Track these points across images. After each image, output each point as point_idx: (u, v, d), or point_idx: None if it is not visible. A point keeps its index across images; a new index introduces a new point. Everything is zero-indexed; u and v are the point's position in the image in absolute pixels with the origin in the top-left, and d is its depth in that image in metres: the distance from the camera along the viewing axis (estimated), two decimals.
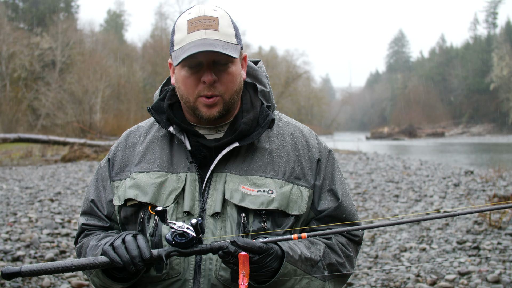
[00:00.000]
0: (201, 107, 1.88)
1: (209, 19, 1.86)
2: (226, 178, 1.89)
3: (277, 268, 1.72)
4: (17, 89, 44.90)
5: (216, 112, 1.88)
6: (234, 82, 1.89)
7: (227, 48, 1.81)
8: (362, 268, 6.60)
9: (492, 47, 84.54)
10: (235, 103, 1.95)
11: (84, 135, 35.30)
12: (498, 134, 71.71)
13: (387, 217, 9.57)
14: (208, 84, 1.84)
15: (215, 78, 1.84)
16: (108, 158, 2.08)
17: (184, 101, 1.92)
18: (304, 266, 1.80)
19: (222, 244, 1.66)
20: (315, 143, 2.06)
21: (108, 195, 2.02)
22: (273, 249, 1.71)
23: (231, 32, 1.88)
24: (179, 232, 1.65)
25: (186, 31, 1.85)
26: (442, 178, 15.34)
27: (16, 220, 8.79)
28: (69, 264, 1.65)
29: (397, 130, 76.22)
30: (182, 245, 1.66)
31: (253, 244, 1.66)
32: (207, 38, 1.82)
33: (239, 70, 1.92)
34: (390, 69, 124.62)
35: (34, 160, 23.51)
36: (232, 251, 1.64)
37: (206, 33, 1.83)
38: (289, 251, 1.75)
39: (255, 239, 1.76)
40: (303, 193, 1.94)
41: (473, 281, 5.80)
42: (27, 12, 54.86)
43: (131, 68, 52.08)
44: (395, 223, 1.67)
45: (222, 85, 1.86)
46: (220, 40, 1.83)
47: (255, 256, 1.67)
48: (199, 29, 1.83)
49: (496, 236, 7.59)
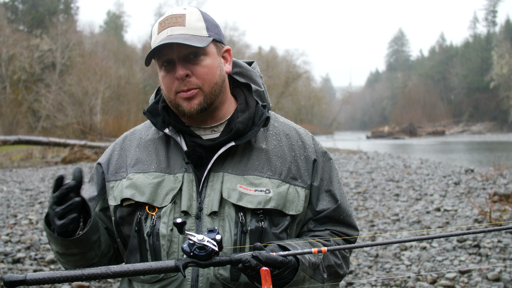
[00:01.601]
0: (181, 102, 1.89)
1: (175, 17, 1.89)
2: (224, 178, 1.90)
3: (292, 277, 1.74)
4: (17, 91, 44.96)
5: (196, 104, 1.89)
6: (211, 74, 1.90)
7: (191, 40, 1.83)
8: (363, 267, 6.60)
9: (492, 45, 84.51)
10: (218, 96, 1.95)
11: (84, 136, 35.31)
12: (498, 132, 71.68)
13: (387, 217, 9.58)
14: (180, 79, 1.86)
15: (187, 72, 1.86)
16: (101, 161, 2.09)
17: (168, 100, 1.94)
18: (310, 271, 1.82)
19: (243, 258, 1.64)
20: (311, 143, 2.07)
21: (91, 192, 2.04)
22: (291, 262, 1.72)
23: (200, 26, 1.90)
24: (199, 245, 1.63)
25: (157, 32, 1.91)
26: (443, 176, 15.34)
27: (17, 222, 8.79)
28: (79, 274, 1.58)
29: (398, 129, 76.18)
30: (201, 257, 1.63)
31: (274, 259, 1.65)
32: (172, 34, 1.86)
33: (216, 62, 1.93)
34: (390, 68, 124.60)
35: (34, 162, 23.51)
36: (254, 265, 1.63)
37: (172, 30, 1.87)
38: (302, 259, 1.76)
39: (266, 245, 1.77)
40: (299, 193, 1.95)
41: (473, 279, 5.80)
42: (27, 14, 54.90)
43: (131, 69, 52.16)
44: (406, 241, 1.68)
45: (198, 78, 1.88)
46: (186, 34, 1.86)
47: (275, 270, 1.67)
48: (166, 28, 1.88)
49: (496, 234, 7.58)
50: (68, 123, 40.49)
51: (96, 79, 43.63)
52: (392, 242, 1.79)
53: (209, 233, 1.65)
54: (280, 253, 1.69)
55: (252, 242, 1.85)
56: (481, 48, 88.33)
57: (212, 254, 1.63)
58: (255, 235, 1.86)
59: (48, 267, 6.48)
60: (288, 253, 1.69)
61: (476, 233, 1.62)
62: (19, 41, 46.33)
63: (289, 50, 75.29)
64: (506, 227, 1.72)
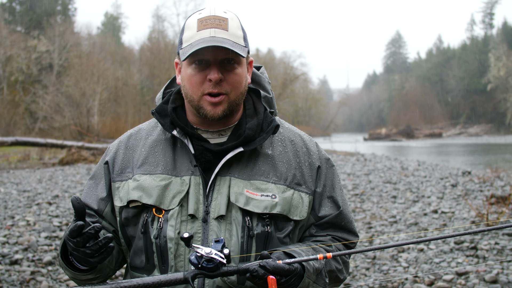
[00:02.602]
0: (206, 106, 1.89)
1: (219, 19, 1.88)
2: (231, 182, 1.91)
3: (298, 284, 1.77)
4: (15, 92, 44.85)
5: (221, 111, 1.89)
6: (240, 83, 1.90)
7: (235, 47, 1.84)
8: (360, 269, 6.61)
9: (489, 47, 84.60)
10: (238, 105, 1.97)
11: (81, 138, 35.21)
12: (495, 135, 71.76)
13: (384, 219, 9.59)
14: (214, 82, 1.85)
15: (222, 77, 1.85)
16: (106, 159, 2.07)
17: (189, 99, 1.93)
18: (314, 276, 1.84)
19: (250, 267, 1.67)
20: (315, 150, 2.09)
21: (100, 193, 2.02)
22: (297, 269, 1.75)
23: (240, 34, 1.91)
24: (207, 258, 1.64)
25: (195, 29, 1.88)
26: (440, 178, 15.36)
27: (14, 224, 8.78)
28: None
29: (395, 131, 76.20)
30: (209, 269, 1.66)
31: (281, 268, 1.69)
32: (216, 36, 1.84)
33: (245, 72, 1.94)
34: (388, 70, 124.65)
35: (31, 163, 23.46)
36: (261, 274, 1.66)
37: (216, 32, 1.85)
38: (308, 266, 1.79)
39: (271, 252, 1.79)
40: (303, 199, 1.97)
41: (470, 281, 5.81)
42: (24, 15, 54.78)
43: (129, 70, 52.04)
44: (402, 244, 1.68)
45: (228, 85, 1.88)
46: (229, 40, 1.85)
47: (282, 278, 1.70)
48: (209, 28, 1.86)
49: (493, 236, 7.60)
50: (65, 125, 40.38)
51: (94, 80, 43.54)
52: (394, 245, 1.82)
53: (216, 243, 1.67)
54: (286, 260, 1.71)
55: (258, 246, 1.88)
56: (478, 51, 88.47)
57: (220, 265, 1.65)
58: (261, 239, 1.88)
59: (46, 268, 6.47)
60: (295, 261, 1.72)
61: (476, 232, 1.64)
62: (17, 42, 46.20)
63: (286, 52, 75.45)
64: (505, 225, 1.73)
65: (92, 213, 2.02)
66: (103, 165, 2.07)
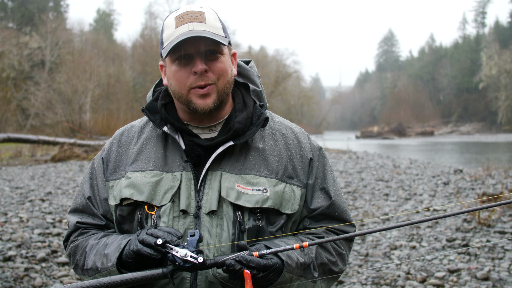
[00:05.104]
0: (195, 99, 1.89)
1: (196, 13, 1.90)
2: (222, 177, 1.91)
3: (277, 279, 1.77)
4: (6, 88, 44.65)
5: (211, 102, 1.89)
6: (225, 70, 1.91)
7: (215, 36, 1.85)
8: (353, 266, 6.65)
9: (481, 46, 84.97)
10: (227, 96, 1.97)
11: (74, 135, 35.13)
12: (487, 133, 72.04)
13: (377, 216, 9.64)
14: (199, 73, 1.85)
15: (206, 67, 1.86)
16: (102, 157, 2.08)
17: (177, 96, 1.93)
18: (299, 271, 1.84)
19: (227, 261, 1.69)
20: (307, 142, 2.08)
21: (102, 194, 2.03)
22: (276, 264, 1.75)
23: (218, 26, 1.92)
24: (184, 259, 1.67)
25: (174, 26, 1.89)
26: (432, 176, 15.42)
27: (7, 220, 8.76)
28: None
29: (387, 129, 76.45)
30: (187, 269, 1.69)
31: (257, 262, 1.69)
32: (194, 29, 1.85)
33: (229, 62, 1.95)
34: (380, 69, 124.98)
35: (24, 160, 23.39)
36: (237, 268, 1.68)
37: (194, 25, 1.87)
38: (288, 261, 1.79)
39: (253, 245, 1.81)
40: (295, 192, 1.97)
41: (462, 278, 5.86)
42: (16, 11, 54.54)
43: (121, 67, 51.93)
44: (388, 228, 1.71)
45: (214, 74, 1.88)
46: (208, 31, 1.86)
47: (259, 272, 1.71)
48: (187, 22, 1.87)
49: (485, 234, 7.65)
50: (57, 121, 40.27)
51: (86, 77, 43.43)
52: (381, 229, 1.83)
53: (191, 237, 1.70)
54: (262, 252, 1.72)
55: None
56: (470, 49, 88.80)
57: (197, 265, 1.67)
58: (252, 234, 1.88)
59: (40, 265, 6.47)
60: (270, 251, 1.73)
61: (483, 208, 1.66)
62: (8, 39, 46.01)
63: (279, 49, 75.23)
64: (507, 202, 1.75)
65: (98, 215, 2.05)
66: (101, 164, 2.08)
